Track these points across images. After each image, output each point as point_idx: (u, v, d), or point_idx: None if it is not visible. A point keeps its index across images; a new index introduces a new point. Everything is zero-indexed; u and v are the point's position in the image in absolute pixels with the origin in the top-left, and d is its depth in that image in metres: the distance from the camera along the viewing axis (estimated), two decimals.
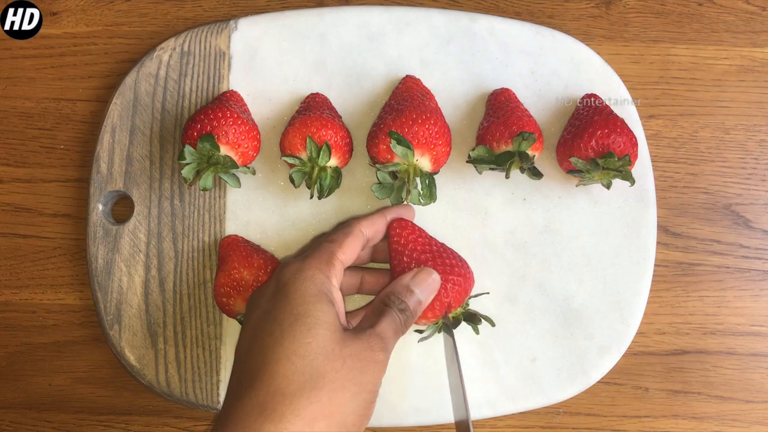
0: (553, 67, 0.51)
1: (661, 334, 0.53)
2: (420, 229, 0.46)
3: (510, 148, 0.46)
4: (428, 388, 0.49)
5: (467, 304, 0.45)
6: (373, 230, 0.44)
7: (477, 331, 0.44)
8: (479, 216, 0.50)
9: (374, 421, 0.49)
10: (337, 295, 0.39)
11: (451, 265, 0.44)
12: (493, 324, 0.45)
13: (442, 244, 0.46)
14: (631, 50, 0.53)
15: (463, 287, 0.44)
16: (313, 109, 0.48)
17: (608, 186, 0.47)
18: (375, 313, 0.40)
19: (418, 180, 0.46)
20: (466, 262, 0.45)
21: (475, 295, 0.47)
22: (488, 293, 0.48)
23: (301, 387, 0.33)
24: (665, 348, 0.53)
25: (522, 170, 0.47)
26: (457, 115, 0.50)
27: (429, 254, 0.44)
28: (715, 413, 0.52)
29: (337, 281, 0.40)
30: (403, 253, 0.44)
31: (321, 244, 0.42)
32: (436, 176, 0.48)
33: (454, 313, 0.44)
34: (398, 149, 0.45)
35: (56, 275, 0.53)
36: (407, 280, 0.42)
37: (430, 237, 0.46)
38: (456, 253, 0.46)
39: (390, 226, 0.45)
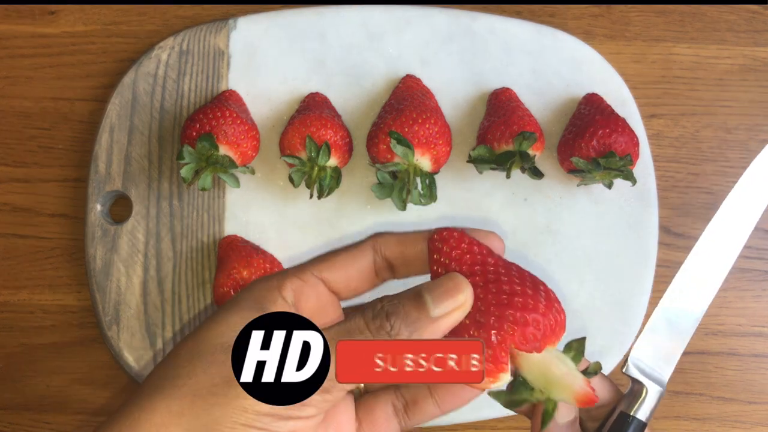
0: (554, 67, 0.51)
1: None
2: (472, 241, 0.30)
3: (511, 147, 0.46)
4: None
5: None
6: (397, 250, 0.31)
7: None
8: (480, 216, 0.50)
9: None
10: (278, 304, 0.29)
11: (511, 293, 0.28)
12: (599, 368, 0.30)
13: (509, 263, 0.30)
14: (633, 49, 0.53)
15: (539, 328, 0.27)
16: (312, 108, 0.48)
17: (609, 186, 0.47)
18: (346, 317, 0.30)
19: (418, 180, 0.46)
20: (549, 291, 0.30)
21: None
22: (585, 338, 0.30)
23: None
24: None
25: (523, 170, 0.46)
26: (457, 115, 0.50)
27: (480, 276, 0.29)
28: (716, 414, 0.52)
29: (292, 292, 0.30)
30: (439, 275, 0.30)
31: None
32: (436, 176, 0.48)
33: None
34: (398, 149, 0.45)
35: (54, 276, 0.53)
36: (418, 286, 0.28)
37: (486, 250, 0.30)
38: (530, 276, 0.30)
39: (429, 239, 0.31)
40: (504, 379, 0.27)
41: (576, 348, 0.29)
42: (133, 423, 0.26)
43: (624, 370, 0.37)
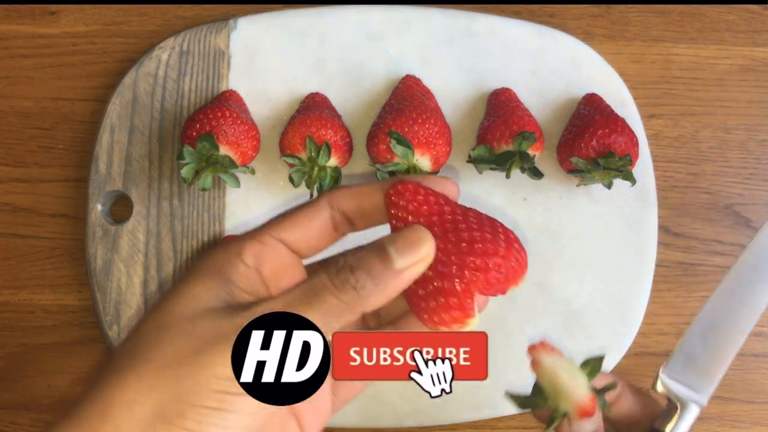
0: (553, 67, 0.51)
1: (662, 335, 0.52)
2: (427, 191, 0.29)
3: (510, 147, 0.46)
4: None
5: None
6: (354, 204, 0.30)
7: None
8: None
9: (373, 423, 0.49)
10: (239, 270, 0.28)
11: (470, 240, 0.27)
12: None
13: (465, 209, 0.29)
14: (632, 50, 0.53)
15: (501, 271, 0.27)
16: (312, 108, 0.48)
17: (609, 186, 0.47)
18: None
19: None
20: (507, 232, 0.28)
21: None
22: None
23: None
24: (666, 349, 0.52)
25: (522, 170, 0.46)
26: (457, 115, 0.50)
27: (438, 227, 0.28)
28: (716, 414, 0.52)
29: (253, 256, 0.29)
30: (399, 228, 0.29)
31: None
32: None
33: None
34: (398, 149, 0.45)
35: (55, 275, 0.53)
36: (380, 239, 0.28)
37: (443, 199, 0.29)
38: (488, 219, 0.29)
39: (385, 194, 0.29)
40: (471, 324, 0.28)
41: (592, 365, 0.31)
42: (105, 401, 0.25)
43: (658, 388, 0.35)
